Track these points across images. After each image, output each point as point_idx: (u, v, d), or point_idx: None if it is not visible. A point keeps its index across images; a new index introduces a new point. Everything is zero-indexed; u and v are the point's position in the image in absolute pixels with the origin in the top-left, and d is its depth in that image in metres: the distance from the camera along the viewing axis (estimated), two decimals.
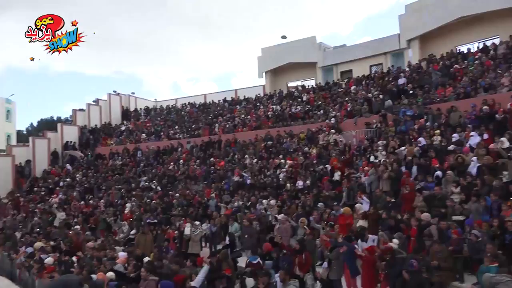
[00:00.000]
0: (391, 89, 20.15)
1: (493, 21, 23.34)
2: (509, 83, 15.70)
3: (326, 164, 16.33)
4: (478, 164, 11.44)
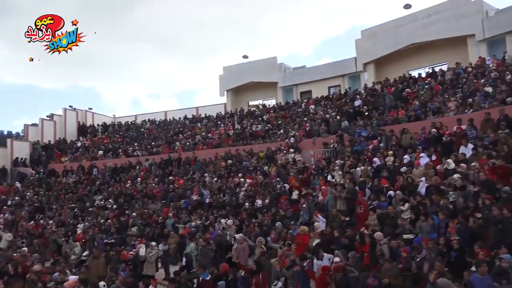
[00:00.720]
0: (347, 110, 20.85)
1: (442, 49, 24.96)
2: (455, 107, 16.70)
3: (285, 183, 16.54)
4: (426, 184, 11.97)
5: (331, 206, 12.88)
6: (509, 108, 13.58)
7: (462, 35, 23.68)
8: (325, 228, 11.97)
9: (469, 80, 18.52)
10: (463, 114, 15.53)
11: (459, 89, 18.34)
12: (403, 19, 26.24)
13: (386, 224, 10.98)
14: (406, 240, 10.00)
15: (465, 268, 7.86)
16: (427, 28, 24.78)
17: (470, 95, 17.16)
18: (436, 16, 24.46)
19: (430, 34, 24.84)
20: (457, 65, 21.19)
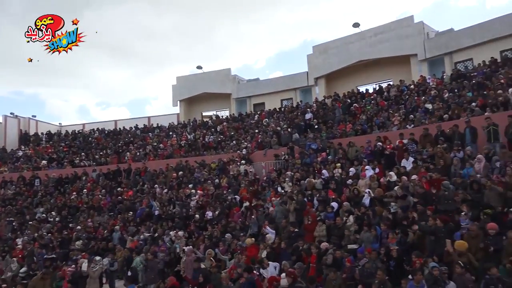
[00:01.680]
0: (298, 123, 21.31)
1: (387, 66, 26.30)
2: (398, 122, 17.58)
3: (236, 194, 16.56)
4: (371, 195, 12.45)
5: (278, 218, 13.04)
6: (445, 124, 14.49)
7: (405, 55, 25.10)
8: (274, 239, 12.08)
9: (411, 97, 19.61)
10: (405, 129, 16.36)
11: (402, 105, 19.32)
12: (352, 37, 27.42)
13: (333, 235, 11.30)
14: (350, 250, 10.32)
15: (403, 276, 8.24)
16: (374, 46, 26.04)
17: (412, 111, 18.13)
18: (382, 35, 25.79)
19: (377, 52, 26.11)
20: (401, 82, 22.36)
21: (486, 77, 17.83)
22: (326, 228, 11.46)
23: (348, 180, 13.99)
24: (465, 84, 18.14)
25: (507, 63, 18.73)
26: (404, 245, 9.48)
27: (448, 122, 14.69)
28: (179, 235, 14.03)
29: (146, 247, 13.55)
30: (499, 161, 11.08)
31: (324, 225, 11.55)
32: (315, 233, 11.53)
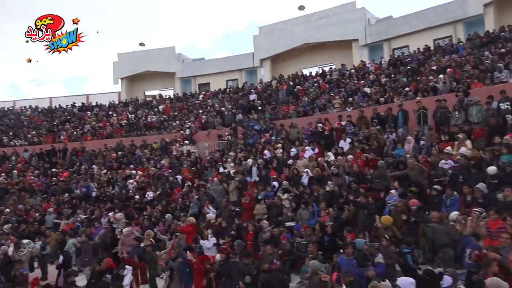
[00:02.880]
0: (243, 104, 21.33)
1: (331, 50, 26.89)
2: (338, 105, 18.14)
3: (178, 175, 16.35)
4: (310, 175, 12.83)
5: (217, 198, 13.11)
6: (381, 107, 15.16)
7: (348, 39, 25.78)
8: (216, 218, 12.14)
9: (352, 81, 20.28)
10: (344, 111, 16.93)
11: (343, 88, 19.94)
12: (298, 20, 27.67)
13: (273, 213, 11.56)
14: (288, 227, 10.62)
15: (336, 251, 8.62)
16: (319, 30, 26.46)
17: (351, 94, 18.79)
18: (326, 19, 26.24)
19: (321, 36, 26.58)
20: (343, 66, 23.03)
21: (420, 64, 18.81)
22: (266, 206, 11.68)
23: (289, 160, 14.28)
24: (401, 69, 19.02)
25: (439, 51, 19.87)
26: (339, 221, 9.92)
27: (383, 105, 15.37)
28: (120, 217, 13.65)
29: (82, 229, 13.04)
30: (426, 142, 11.81)
31: (264, 204, 11.75)
32: (255, 211, 11.72)
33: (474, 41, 18.52)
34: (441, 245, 7.34)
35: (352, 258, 7.59)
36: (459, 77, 15.20)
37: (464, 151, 10.40)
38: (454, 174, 9.55)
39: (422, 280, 6.51)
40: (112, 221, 13.58)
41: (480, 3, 21.45)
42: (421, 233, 8.19)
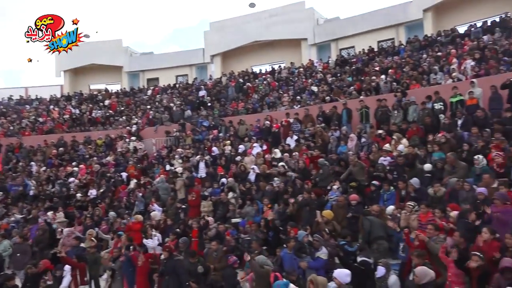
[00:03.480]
0: (192, 100, 21.09)
1: (281, 48, 27.22)
2: (287, 102, 18.44)
3: (123, 172, 15.89)
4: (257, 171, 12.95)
5: (162, 195, 12.92)
6: (327, 105, 15.60)
7: (297, 38, 26.24)
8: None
9: (300, 79, 20.69)
10: (292, 109, 17.24)
11: (292, 86, 20.31)
12: (248, 17, 27.73)
13: (219, 210, 11.57)
14: (234, 224, 10.67)
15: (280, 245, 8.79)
16: (269, 28, 26.67)
17: (300, 92, 19.18)
18: (276, 18, 26.51)
19: (271, 34, 26.82)
20: (292, 64, 23.43)
21: (364, 64, 19.56)
22: (213, 203, 11.66)
23: (237, 157, 14.33)
24: (347, 69, 19.68)
25: (382, 53, 20.75)
26: (283, 217, 10.10)
27: (329, 104, 15.83)
28: (60, 216, 13.03)
29: (15, 230, 12.33)
30: (367, 139, 12.32)
31: (210, 201, 11.72)
32: (202, 208, 11.66)
33: (413, 44, 19.52)
34: (376, 237, 7.70)
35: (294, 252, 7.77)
36: (400, 78, 15.98)
37: (402, 148, 10.97)
38: (391, 170, 10.04)
39: (358, 271, 6.81)
40: (49, 221, 12.94)
41: (420, 9, 22.64)
42: (360, 226, 8.55)
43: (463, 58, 15.05)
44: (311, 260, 7.54)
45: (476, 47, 15.41)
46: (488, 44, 15.37)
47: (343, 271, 6.04)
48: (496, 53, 14.39)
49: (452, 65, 14.92)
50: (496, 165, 8.61)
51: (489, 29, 17.09)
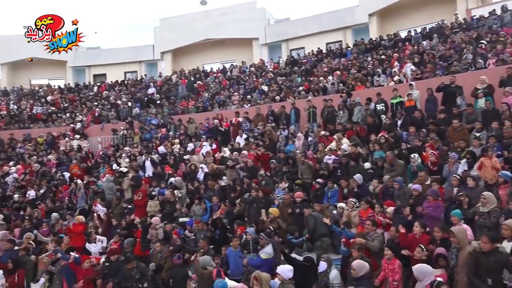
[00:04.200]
0: (141, 97, 20.59)
1: (232, 47, 27.26)
2: (237, 101, 18.50)
3: (66, 171, 15.21)
4: (206, 170, 12.88)
5: (109, 195, 12.54)
6: (276, 105, 15.82)
7: (248, 38, 26.38)
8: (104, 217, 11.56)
9: (251, 78, 20.83)
10: (242, 108, 17.32)
11: (242, 85, 20.40)
12: (199, 15, 27.53)
13: (166, 209, 11.39)
14: (181, 223, 10.55)
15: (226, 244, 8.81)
16: (220, 26, 26.60)
17: (250, 91, 19.31)
18: (227, 16, 26.51)
19: (222, 32, 26.78)
20: (243, 64, 23.53)
21: (313, 65, 20.04)
22: (160, 203, 11.46)
23: (186, 156, 14.18)
24: (296, 70, 20.06)
25: (330, 54, 21.36)
26: (231, 216, 10.13)
27: (278, 103, 16.07)
28: None
29: None
30: (313, 138, 12.64)
31: (157, 200, 11.51)
32: (148, 208, 11.42)
33: (359, 47, 20.27)
34: (320, 234, 7.94)
35: (239, 249, 7.84)
36: (346, 79, 16.54)
37: (346, 147, 11.36)
38: (334, 168, 10.38)
39: (302, 267, 7.01)
40: None
41: (366, 13, 23.55)
42: (306, 223, 8.77)
43: (404, 62, 15.86)
44: (256, 257, 7.62)
45: (415, 52, 16.29)
46: (426, 49, 16.28)
47: (285, 267, 6.17)
48: (433, 57, 15.29)
49: (394, 68, 15.69)
50: (430, 163, 9.15)
51: (428, 35, 18.10)
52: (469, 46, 14.77)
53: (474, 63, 13.52)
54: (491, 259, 5.20)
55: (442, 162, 9.21)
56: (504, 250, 5.50)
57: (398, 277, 6.18)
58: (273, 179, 11.16)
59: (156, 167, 13.51)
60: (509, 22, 16.21)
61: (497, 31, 15.44)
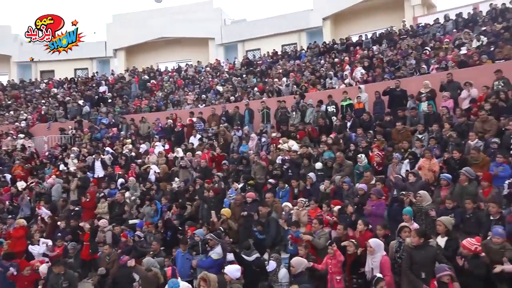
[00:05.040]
0: (91, 95, 19.89)
1: (188, 46, 26.96)
2: (192, 101, 18.33)
3: (7, 172, 14.39)
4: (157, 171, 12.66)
5: (54, 197, 12.03)
6: (230, 105, 15.82)
7: (204, 37, 26.21)
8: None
9: (206, 78, 20.71)
10: (197, 108, 17.18)
11: (198, 85, 20.24)
12: (155, 12, 26.99)
13: (115, 211, 11.09)
14: (131, 225, 10.30)
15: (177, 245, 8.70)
16: (176, 25, 26.21)
17: (205, 91, 19.20)
18: (184, 15, 26.17)
19: (178, 31, 26.40)
20: (198, 63, 23.35)
21: (268, 67, 20.24)
22: (108, 205, 11.13)
23: (138, 156, 13.86)
24: (252, 70, 20.17)
25: (285, 56, 21.66)
26: (183, 217, 10.02)
27: (232, 104, 16.09)
28: None
29: None
30: (267, 139, 12.78)
31: (106, 202, 11.18)
32: (97, 210, 11.08)
33: (313, 50, 20.72)
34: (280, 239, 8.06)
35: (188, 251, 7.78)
36: (300, 81, 16.84)
37: (297, 148, 11.57)
38: (286, 168, 10.54)
39: (251, 266, 7.07)
40: None
41: (320, 17, 24.11)
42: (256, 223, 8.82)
43: (355, 65, 16.39)
44: (205, 258, 7.59)
45: (366, 56, 16.89)
46: (376, 53, 16.92)
47: (233, 267, 6.21)
48: (381, 62, 15.92)
49: (345, 71, 16.17)
50: (375, 163, 9.52)
51: (377, 40, 18.83)
52: (415, 52, 15.52)
53: (418, 68, 14.23)
54: (422, 253, 5.52)
55: (387, 163, 9.61)
56: (434, 244, 5.84)
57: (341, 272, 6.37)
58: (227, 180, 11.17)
59: (106, 168, 13.09)
60: (450, 30, 17.20)
61: (440, 38, 16.33)
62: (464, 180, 7.50)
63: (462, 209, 6.73)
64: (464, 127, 9.82)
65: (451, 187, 7.67)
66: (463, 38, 15.28)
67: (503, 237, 5.59)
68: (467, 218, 6.51)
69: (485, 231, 6.18)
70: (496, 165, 7.73)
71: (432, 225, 6.58)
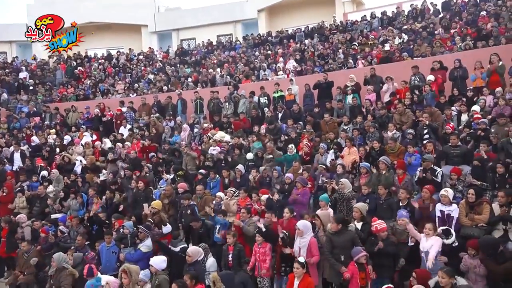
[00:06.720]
0: (10, 82, 18.40)
1: (120, 33, 25.81)
2: (122, 90, 17.66)
3: None
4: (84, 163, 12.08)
5: None
6: (162, 95, 15.46)
7: (137, 24, 25.26)
8: None
9: (138, 67, 20.03)
10: (128, 97, 16.58)
11: (129, 73, 19.51)
12: None
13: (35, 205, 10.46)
14: (53, 220, 9.77)
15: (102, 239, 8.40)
16: (107, 10, 24.96)
17: (137, 80, 18.58)
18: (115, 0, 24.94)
19: (109, 16, 25.17)
20: (130, 51, 22.48)
21: (203, 56, 20.04)
22: (27, 199, 10.45)
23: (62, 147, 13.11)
24: (186, 60, 19.84)
25: (220, 47, 21.56)
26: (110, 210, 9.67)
27: (165, 94, 15.74)
28: None
29: None
30: (199, 129, 12.69)
31: (23, 196, 10.48)
32: (13, 204, 10.35)
33: (248, 41, 20.85)
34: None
35: (113, 244, 7.56)
36: (234, 72, 16.89)
37: (229, 139, 11.64)
38: (219, 159, 10.57)
39: (178, 257, 7.03)
40: None
41: (255, 9, 24.28)
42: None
43: (288, 58, 16.77)
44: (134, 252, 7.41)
45: (298, 49, 17.33)
46: (307, 47, 17.42)
47: (158, 258, 6.16)
48: (313, 55, 16.44)
49: (278, 64, 16.49)
50: (303, 153, 9.87)
51: (310, 34, 19.39)
52: (343, 46, 16.21)
53: (346, 62, 14.90)
54: (341, 238, 5.90)
55: (314, 153, 10.00)
56: (353, 229, 6.24)
57: (268, 259, 6.57)
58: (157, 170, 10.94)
59: (25, 159, 12.24)
60: (376, 27, 18.17)
61: (367, 34, 17.20)
62: (384, 167, 8.03)
63: (377, 195, 7.22)
64: (385, 118, 10.48)
65: (370, 175, 8.19)
66: (387, 35, 16.22)
67: (407, 218, 6.10)
68: (380, 203, 6.99)
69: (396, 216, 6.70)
70: (409, 155, 8.35)
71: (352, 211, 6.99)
